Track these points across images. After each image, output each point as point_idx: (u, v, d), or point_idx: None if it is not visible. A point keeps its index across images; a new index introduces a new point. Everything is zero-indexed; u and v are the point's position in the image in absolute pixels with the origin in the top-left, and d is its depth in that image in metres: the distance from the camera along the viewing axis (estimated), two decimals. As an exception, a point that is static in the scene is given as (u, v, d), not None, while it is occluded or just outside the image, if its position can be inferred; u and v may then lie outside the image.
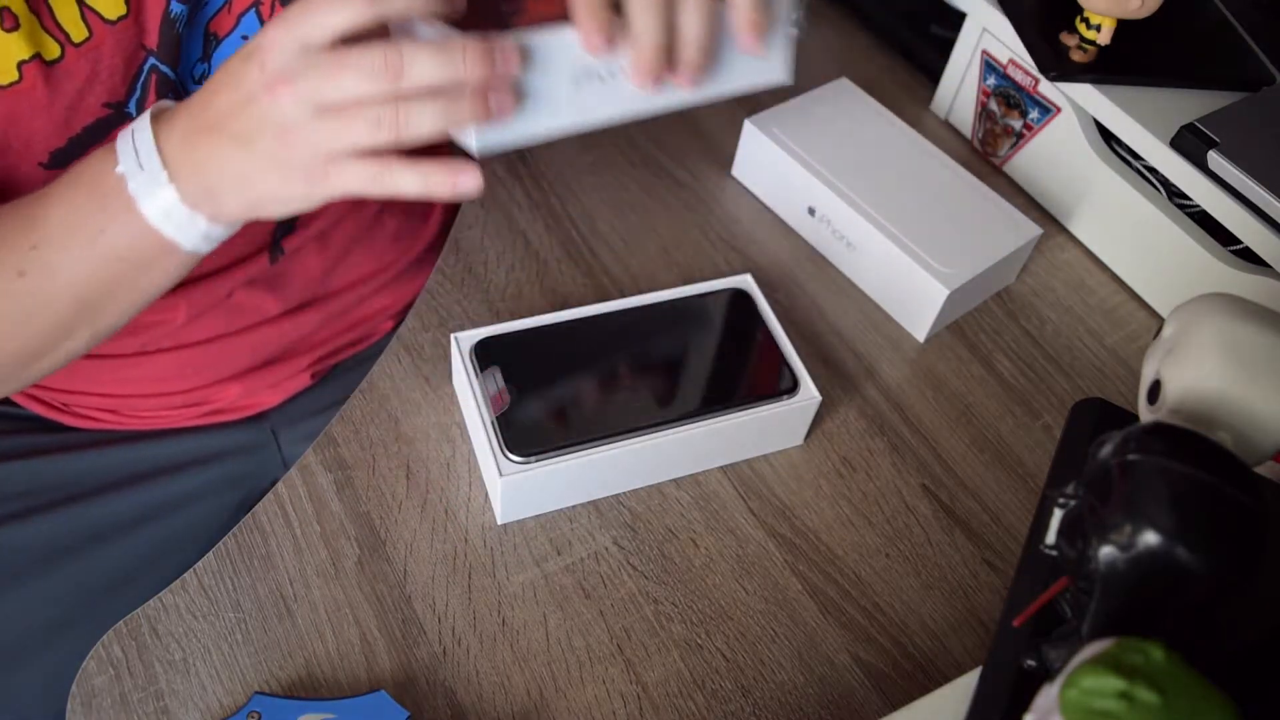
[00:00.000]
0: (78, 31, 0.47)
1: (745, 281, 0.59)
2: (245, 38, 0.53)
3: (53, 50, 0.47)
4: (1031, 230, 0.64)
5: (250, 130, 0.40)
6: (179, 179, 0.42)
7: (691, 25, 0.42)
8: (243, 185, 0.42)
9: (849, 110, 0.70)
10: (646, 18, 0.41)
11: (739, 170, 0.71)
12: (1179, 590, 0.32)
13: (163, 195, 0.42)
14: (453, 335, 0.55)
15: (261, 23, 0.53)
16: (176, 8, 0.49)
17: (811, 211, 0.67)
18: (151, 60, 0.50)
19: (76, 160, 0.48)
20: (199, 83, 0.53)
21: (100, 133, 0.50)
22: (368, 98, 0.39)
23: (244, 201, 0.43)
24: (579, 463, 0.51)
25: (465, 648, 0.49)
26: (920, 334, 0.64)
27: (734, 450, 0.56)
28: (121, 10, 0.48)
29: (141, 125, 0.43)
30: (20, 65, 0.46)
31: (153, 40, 0.49)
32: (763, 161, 0.69)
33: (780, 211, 0.70)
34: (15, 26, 0.45)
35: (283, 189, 0.42)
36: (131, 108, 0.51)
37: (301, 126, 0.40)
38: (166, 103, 0.44)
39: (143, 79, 0.50)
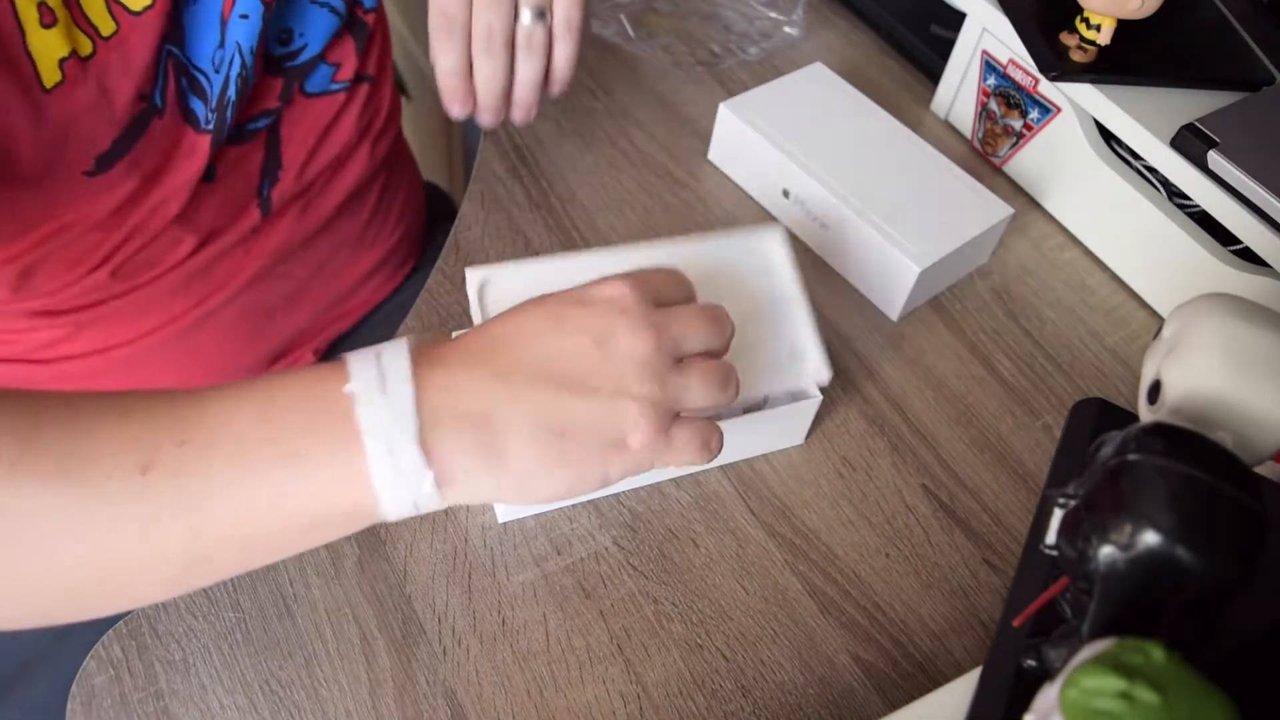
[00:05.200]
0: (105, 25, 0.46)
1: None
2: (245, 16, 0.51)
3: (85, 46, 0.45)
4: (1003, 210, 0.65)
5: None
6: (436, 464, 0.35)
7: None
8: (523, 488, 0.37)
9: (823, 94, 0.70)
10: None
11: (715, 154, 0.72)
12: (1179, 590, 0.32)
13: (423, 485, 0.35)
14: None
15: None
16: None
17: (786, 194, 0.67)
18: (168, 46, 0.49)
19: (118, 162, 0.47)
20: (218, 70, 0.51)
21: (138, 129, 0.49)
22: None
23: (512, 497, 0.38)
24: (579, 463, 0.51)
25: (465, 648, 0.49)
26: (893, 313, 0.64)
27: (734, 450, 0.56)
28: (147, 1, 0.47)
29: (406, 424, 0.34)
30: (61, 64, 0.44)
31: (166, 24, 0.48)
32: (738, 145, 0.69)
33: (756, 195, 0.70)
34: (54, 22, 0.43)
35: (554, 490, 0.37)
36: (157, 98, 0.50)
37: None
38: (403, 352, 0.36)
39: (162, 66, 0.49)
